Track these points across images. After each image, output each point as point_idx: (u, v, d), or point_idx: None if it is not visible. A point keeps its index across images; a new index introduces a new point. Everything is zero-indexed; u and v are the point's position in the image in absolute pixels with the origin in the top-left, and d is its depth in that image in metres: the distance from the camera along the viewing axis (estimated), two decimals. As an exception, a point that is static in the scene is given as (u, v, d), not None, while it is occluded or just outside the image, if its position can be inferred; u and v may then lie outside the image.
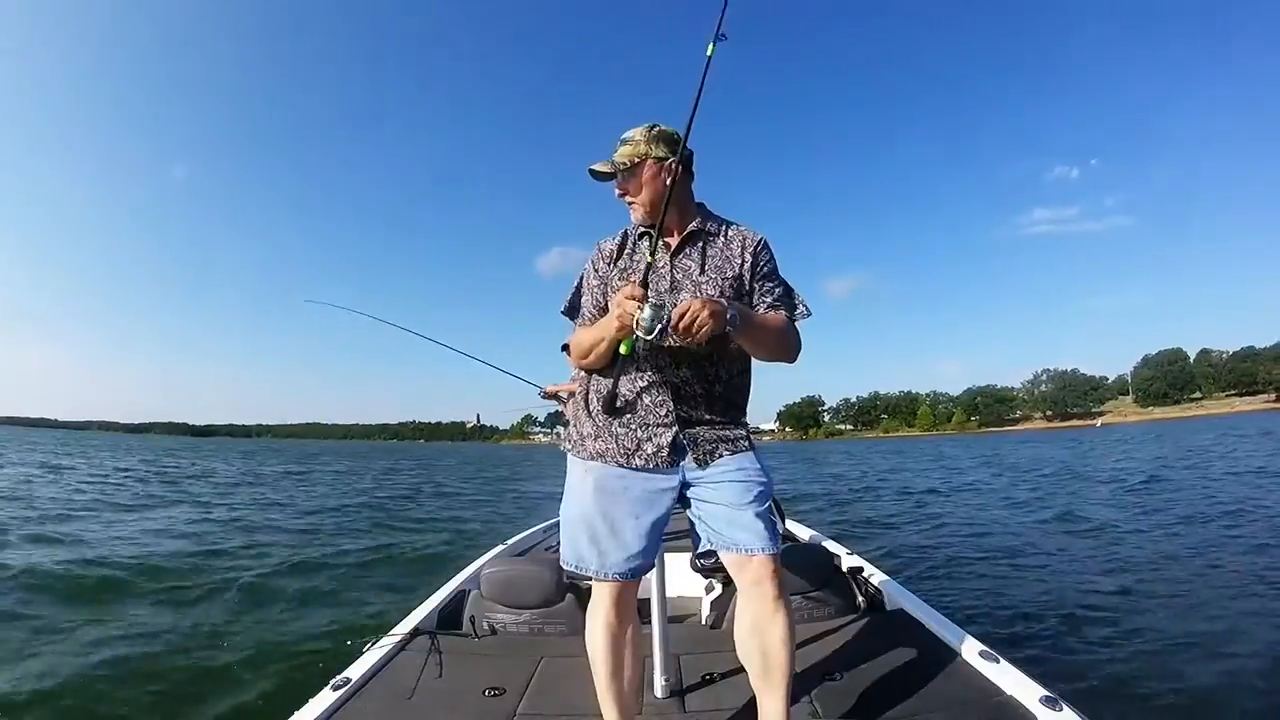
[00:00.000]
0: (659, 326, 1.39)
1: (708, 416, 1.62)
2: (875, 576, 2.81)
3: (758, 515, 1.57)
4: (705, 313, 1.38)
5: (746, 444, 1.65)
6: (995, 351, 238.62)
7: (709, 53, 1.54)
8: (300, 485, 16.41)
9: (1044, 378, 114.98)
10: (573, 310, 1.80)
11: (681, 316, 1.38)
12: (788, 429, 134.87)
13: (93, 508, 9.96)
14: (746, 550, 1.56)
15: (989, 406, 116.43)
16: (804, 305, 1.70)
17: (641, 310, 1.39)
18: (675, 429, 1.60)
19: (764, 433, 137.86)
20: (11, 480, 13.98)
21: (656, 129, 1.66)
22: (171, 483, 15.50)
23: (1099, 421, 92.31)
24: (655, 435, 1.60)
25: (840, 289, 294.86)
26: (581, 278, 1.77)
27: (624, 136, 1.68)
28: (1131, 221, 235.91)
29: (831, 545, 3.37)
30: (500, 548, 3.72)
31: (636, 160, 1.64)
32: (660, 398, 1.60)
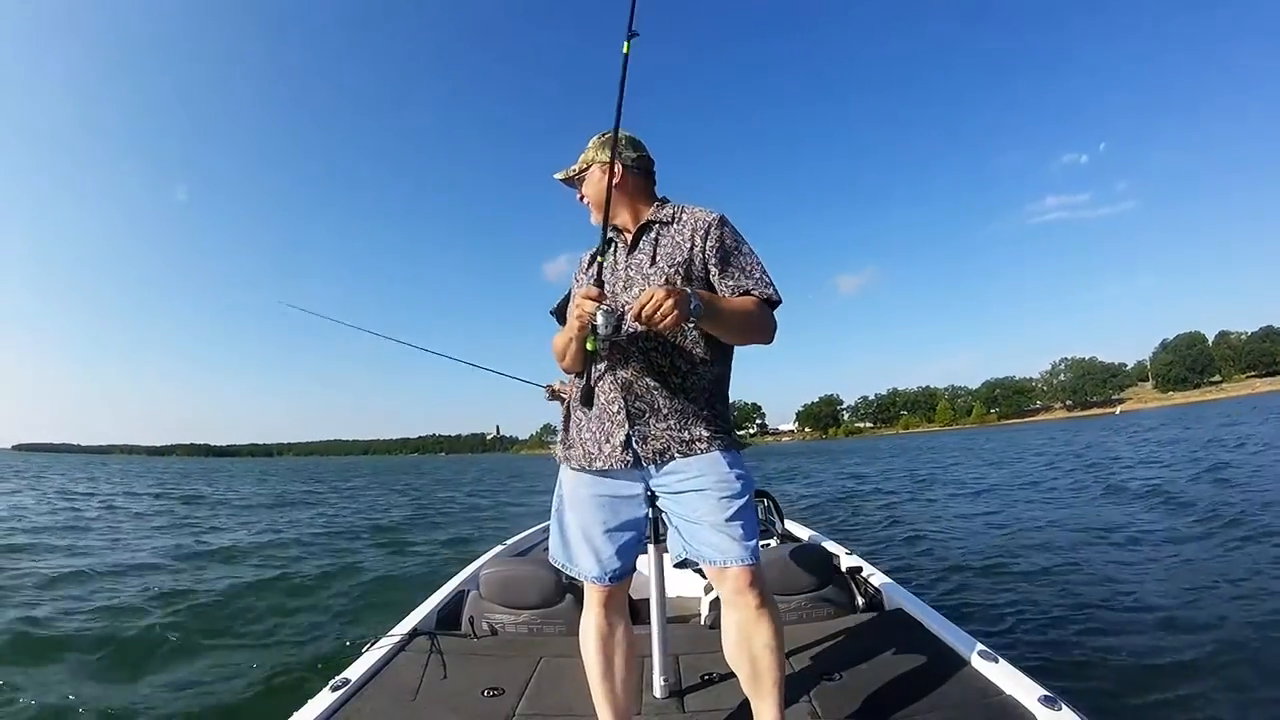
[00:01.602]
0: (613, 323, 1.41)
1: (663, 412, 1.55)
2: (875, 576, 2.83)
3: (720, 528, 1.51)
4: (669, 302, 1.33)
5: (705, 446, 1.55)
6: (1013, 342, 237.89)
7: (625, 50, 1.52)
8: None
9: (1062, 367, 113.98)
10: (560, 313, 1.80)
11: (643, 306, 1.34)
12: (807, 429, 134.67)
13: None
14: (718, 563, 1.52)
15: (1008, 398, 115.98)
16: (774, 288, 1.59)
17: (596, 316, 1.41)
18: (626, 427, 1.55)
19: (783, 433, 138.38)
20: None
21: (606, 135, 1.68)
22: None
23: (1118, 409, 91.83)
24: (610, 435, 1.57)
25: (851, 285, 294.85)
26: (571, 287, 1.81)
27: (589, 145, 1.76)
28: (1142, 204, 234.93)
29: (831, 545, 3.38)
30: (499, 548, 3.70)
31: (585, 166, 1.72)
32: (613, 394, 1.57)
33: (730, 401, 1.70)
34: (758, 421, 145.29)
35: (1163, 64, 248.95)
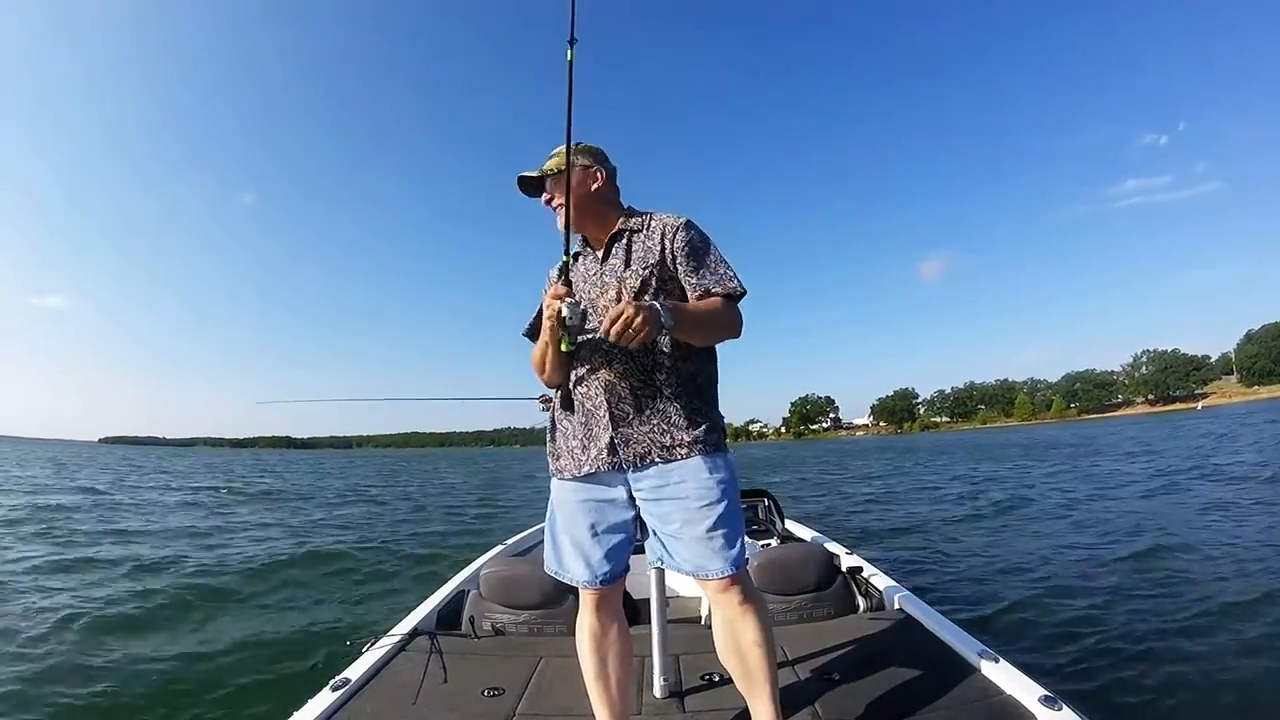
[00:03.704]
0: (579, 315, 1.45)
1: (646, 414, 1.57)
2: (875, 577, 2.84)
3: (700, 539, 1.52)
4: (639, 319, 1.35)
5: (685, 451, 1.56)
6: (1093, 333, 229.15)
7: (569, 58, 1.56)
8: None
9: (1144, 359, 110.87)
10: (533, 332, 1.80)
11: (614, 321, 1.36)
12: (882, 423, 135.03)
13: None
14: (699, 575, 1.55)
15: (1088, 392, 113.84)
16: (738, 281, 1.62)
17: (562, 308, 1.44)
18: (610, 431, 1.57)
19: (857, 427, 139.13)
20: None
21: (578, 145, 1.70)
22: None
23: (1200, 405, 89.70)
24: (596, 439, 1.60)
25: (930, 272, 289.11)
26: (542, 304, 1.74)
27: (552, 153, 1.74)
28: (1226, 186, 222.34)
29: (832, 545, 3.42)
30: (499, 548, 3.78)
31: (561, 169, 1.66)
32: (598, 399, 1.59)
33: (720, 399, 1.70)
34: (831, 415, 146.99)
35: (1245, 33, 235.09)
